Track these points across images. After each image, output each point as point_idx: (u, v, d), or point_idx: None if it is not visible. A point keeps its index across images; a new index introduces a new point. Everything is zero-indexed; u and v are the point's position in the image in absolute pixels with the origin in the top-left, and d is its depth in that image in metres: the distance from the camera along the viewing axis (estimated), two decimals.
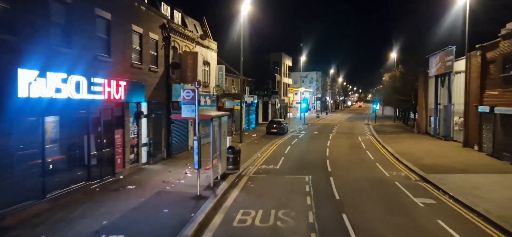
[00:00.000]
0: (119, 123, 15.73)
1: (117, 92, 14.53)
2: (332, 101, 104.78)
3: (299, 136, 36.89)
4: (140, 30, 17.55)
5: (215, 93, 29.49)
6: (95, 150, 13.99)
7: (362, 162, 22.08)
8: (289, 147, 28.37)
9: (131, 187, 14.20)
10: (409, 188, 15.37)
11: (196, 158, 12.87)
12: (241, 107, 30.44)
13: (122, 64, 15.82)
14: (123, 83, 14.94)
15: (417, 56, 41.37)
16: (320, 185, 15.80)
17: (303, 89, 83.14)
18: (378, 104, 70.32)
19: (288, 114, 63.43)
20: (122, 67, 15.79)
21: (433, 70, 34.90)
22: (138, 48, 17.52)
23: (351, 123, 60.10)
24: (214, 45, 29.55)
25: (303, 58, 62.77)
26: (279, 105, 54.65)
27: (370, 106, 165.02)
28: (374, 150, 27.66)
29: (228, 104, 32.54)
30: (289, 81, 66.42)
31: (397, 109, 68.57)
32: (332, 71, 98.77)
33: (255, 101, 43.22)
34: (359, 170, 19.61)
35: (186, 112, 13.05)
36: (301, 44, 68.74)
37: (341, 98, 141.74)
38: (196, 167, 12.95)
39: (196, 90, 12.92)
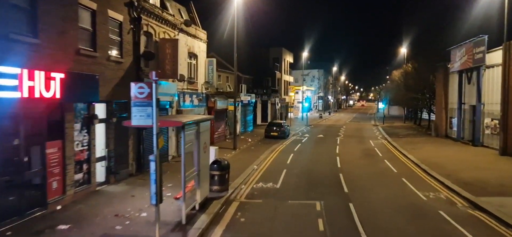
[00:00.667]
0: (56, 131, 11.23)
1: (47, 88, 10.01)
2: (334, 101, 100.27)
3: (303, 141, 32.36)
4: (93, 6, 13.03)
5: (204, 92, 25.01)
6: (7, 174, 9.48)
7: (384, 177, 17.58)
8: (292, 155, 23.87)
9: (63, 227, 9.67)
10: (462, 223, 10.85)
11: (153, 189, 8.36)
12: (235, 108, 25.95)
13: (60, 49, 11.29)
14: (58, 76, 10.40)
15: (434, 49, 37.00)
16: (338, 219, 11.28)
17: (305, 87, 78.78)
18: (386, 103, 65.54)
19: (289, 114, 59.05)
20: (61, 53, 11.27)
21: (456, 65, 30.34)
22: (89, 29, 13.00)
23: (357, 124, 55.57)
24: (202, 34, 25.02)
25: (305, 54, 58.19)
26: (279, 105, 50.10)
27: (373, 105, 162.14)
28: (392, 158, 23.16)
29: (220, 104, 28.05)
30: (290, 79, 61.92)
31: (406, 109, 64.16)
32: (334, 68, 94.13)
33: (253, 101, 38.71)
34: (384, 189, 15.10)
35: (138, 117, 8.53)
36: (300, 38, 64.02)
37: (342, 97, 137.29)
38: (154, 202, 8.45)
39: (154, 84, 8.41)
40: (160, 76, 17.14)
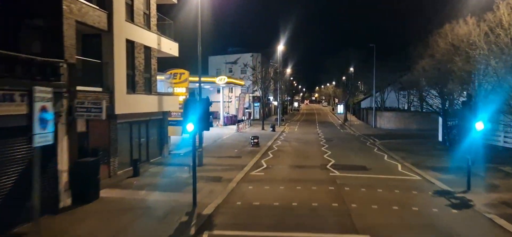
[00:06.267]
0: None
1: None
2: (279, 103, 61.68)
3: None
4: None
5: None
6: None
7: None
8: None
9: None
10: None
11: None
12: None
13: None
14: None
15: None
16: None
17: (224, 78, 39.62)
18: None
19: (166, 144, 19.70)
20: None
21: None
22: None
23: (378, 193, 16.81)
24: None
25: None
26: None
27: (322, 107, 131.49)
28: None
29: None
30: (162, 43, 21.08)
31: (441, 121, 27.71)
32: (281, 47, 55.54)
33: None
34: None
35: None
36: None
37: (287, 98, 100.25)
38: None
39: None
40: None
